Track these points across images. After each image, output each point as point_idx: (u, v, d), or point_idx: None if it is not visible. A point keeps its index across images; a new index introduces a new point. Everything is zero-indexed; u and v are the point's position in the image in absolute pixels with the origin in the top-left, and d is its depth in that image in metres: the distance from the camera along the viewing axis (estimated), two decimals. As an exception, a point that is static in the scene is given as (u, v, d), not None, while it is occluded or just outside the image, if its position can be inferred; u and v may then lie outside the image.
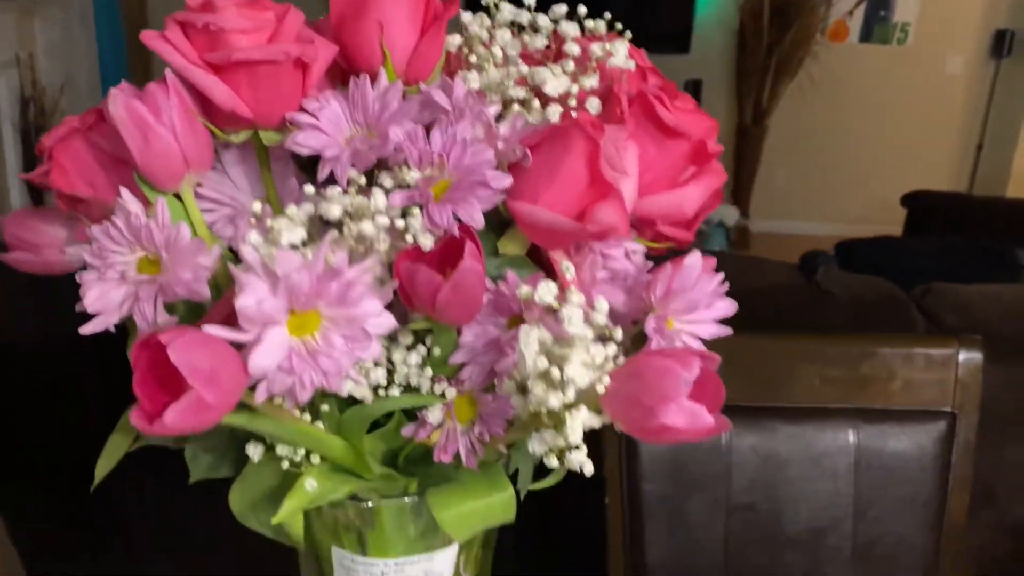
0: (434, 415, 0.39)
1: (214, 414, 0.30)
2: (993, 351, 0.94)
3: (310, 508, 0.41)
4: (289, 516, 0.39)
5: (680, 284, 0.41)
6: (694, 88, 3.97)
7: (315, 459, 0.40)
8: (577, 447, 0.35)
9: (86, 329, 0.36)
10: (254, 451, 0.40)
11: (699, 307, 0.41)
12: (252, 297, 0.30)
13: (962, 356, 0.92)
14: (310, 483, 0.39)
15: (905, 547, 0.91)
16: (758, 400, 0.92)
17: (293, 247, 0.33)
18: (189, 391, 0.29)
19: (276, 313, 0.30)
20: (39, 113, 3.06)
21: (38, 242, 0.44)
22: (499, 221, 0.40)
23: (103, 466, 0.43)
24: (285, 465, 0.39)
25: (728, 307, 0.42)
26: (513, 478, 0.44)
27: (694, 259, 0.41)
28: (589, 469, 0.35)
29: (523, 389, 0.38)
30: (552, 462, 0.35)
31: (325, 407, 0.41)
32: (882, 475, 0.92)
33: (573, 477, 0.53)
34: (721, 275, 0.43)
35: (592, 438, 0.37)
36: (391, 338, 0.40)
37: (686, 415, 0.34)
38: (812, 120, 4.16)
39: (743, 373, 0.92)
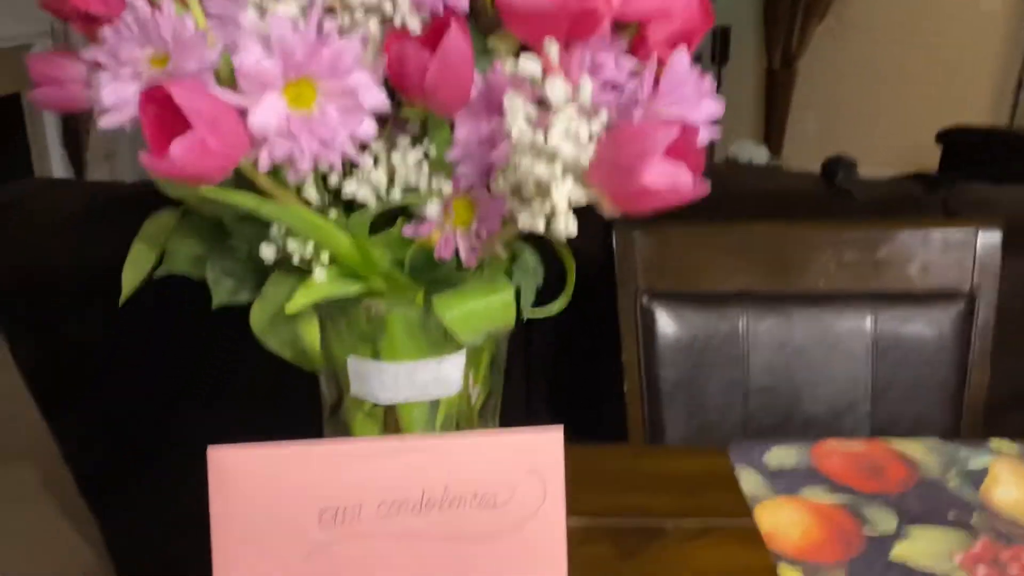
0: (432, 211, 0.41)
1: (217, 162, 0.32)
2: (1018, 248, 0.94)
3: (320, 303, 0.43)
4: (301, 306, 0.41)
5: (668, 83, 0.42)
6: (722, 35, 3.92)
7: (324, 257, 0.42)
8: (564, 214, 0.36)
9: (104, 123, 0.38)
10: (268, 251, 0.42)
11: (687, 104, 0.43)
12: (250, 56, 0.32)
13: (981, 237, 0.92)
14: (319, 273, 0.41)
15: (924, 427, 0.92)
16: (774, 286, 0.93)
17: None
18: (193, 130, 0.31)
19: (272, 74, 0.33)
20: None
21: (62, 77, 0.47)
22: (487, 24, 0.42)
23: (130, 277, 0.46)
24: (296, 260, 0.42)
25: (716, 107, 0.44)
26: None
27: (681, 57, 0.42)
28: (573, 229, 0.37)
29: (516, 190, 0.40)
30: (539, 226, 0.37)
31: (333, 213, 0.43)
32: (900, 358, 0.92)
33: (593, 364, 0.55)
34: (709, 75, 0.44)
35: (611, 327, 0.39)
36: (390, 142, 0.42)
37: (665, 175, 0.35)
38: (842, 62, 4.09)
39: (759, 260, 0.93)
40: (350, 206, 0.44)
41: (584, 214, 0.45)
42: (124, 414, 1.22)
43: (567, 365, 1.09)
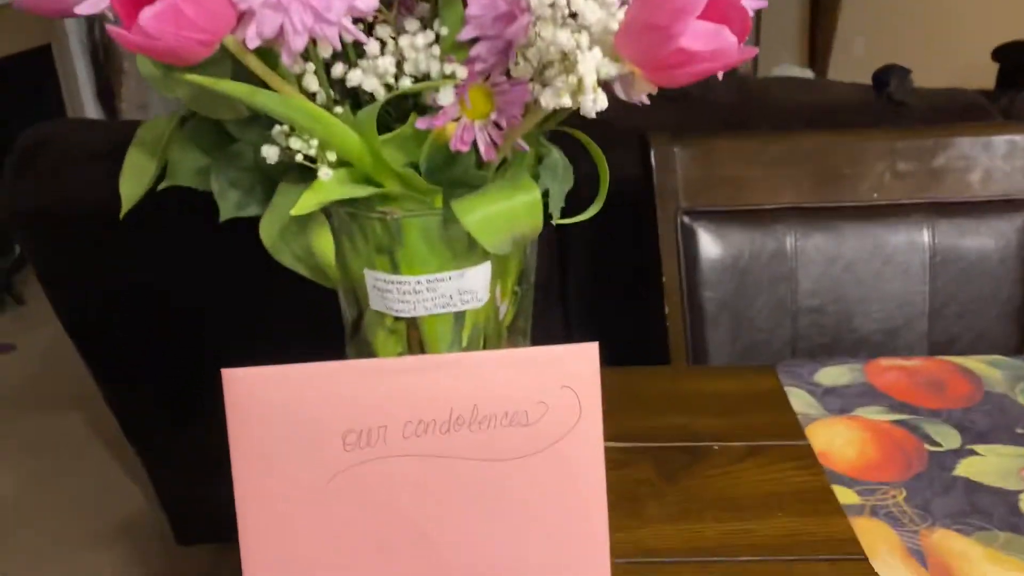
0: (446, 98, 0.38)
1: (196, 35, 0.29)
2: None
3: (333, 212, 0.40)
4: (307, 208, 0.38)
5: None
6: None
7: (330, 156, 0.39)
8: (592, 89, 0.32)
9: (81, 10, 0.35)
10: (270, 151, 0.39)
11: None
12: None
13: (1048, 140, 0.85)
14: (324, 172, 0.38)
15: (986, 344, 0.87)
16: (823, 199, 0.87)
17: None
18: (163, -5, 0.27)
19: (255, -66, 0.29)
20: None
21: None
22: None
23: (129, 189, 0.43)
24: (299, 158, 0.38)
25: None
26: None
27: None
28: (602, 103, 0.33)
29: (539, 72, 0.36)
30: (565, 101, 0.33)
31: (339, 108, 0.40)
32: (959, 272, 0.87)
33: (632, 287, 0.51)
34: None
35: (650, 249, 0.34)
36: (397, 26, 0.38)
37: (706, 36, 0.31)
38: (891, -19, 3.90)
39: (807, 172, 0.87)
40: (359, 104, 0.40)
41: (619, 132, 0.41)
42: (161, 353, 1.21)
43: (605, 291, 1.06)
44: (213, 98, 0.40)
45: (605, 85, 0.38)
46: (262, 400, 0.45)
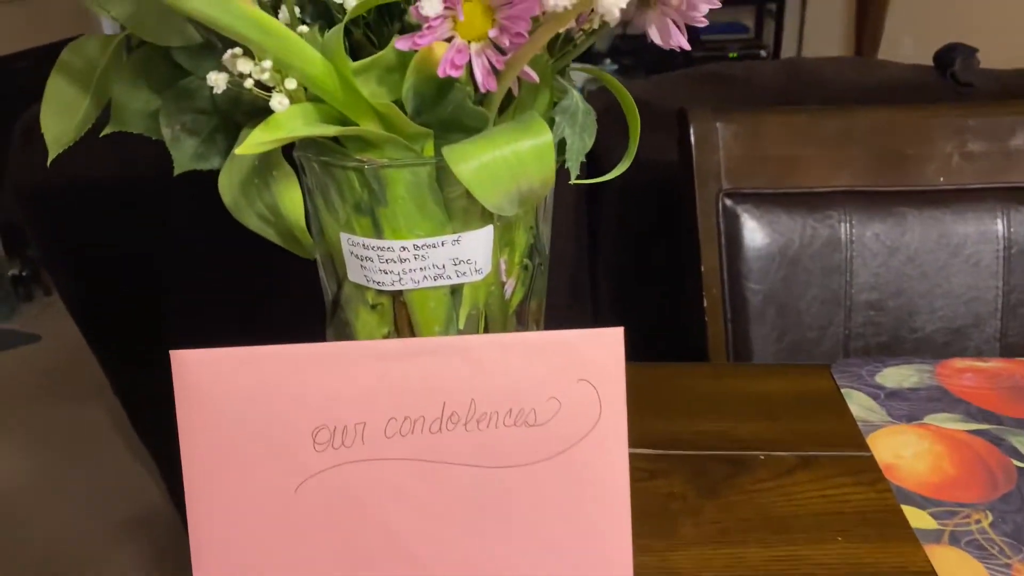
0: (431, 8, 0.30)
1: None
2: None
3: (305, 162, 0.32)
4: (259, 147, 0.30)
5: None
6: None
7: (289, 83, 0.31)
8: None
9: None
10: (217, 78, 0.32)
11: None
12: None
13: None
14: (279, 101, 0.30)
15: (1067, 347, 0.77)
16: (883, 183, 0.78)
17: None
18: None
19: None
20: None
21: None
22: None
23: (53, 127, 0.36)
24: (249, 84, 0.31)
25: None
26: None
27: None
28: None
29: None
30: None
31: (304, 27, 0.32)
32: (1038, 265, 0.77)
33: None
34: None
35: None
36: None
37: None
38: (943, -24, 3.76)
39: (865, 153, 0.78)
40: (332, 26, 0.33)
41: (657, 114, 0.34)
42: (164, 337, 1.15)
43: (638, 280, 0.97)
44: (154, 16, 0.33)
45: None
46: (218, 388, 0.37)
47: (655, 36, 0.40)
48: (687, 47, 0.39)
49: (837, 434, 0.52)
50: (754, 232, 0.78)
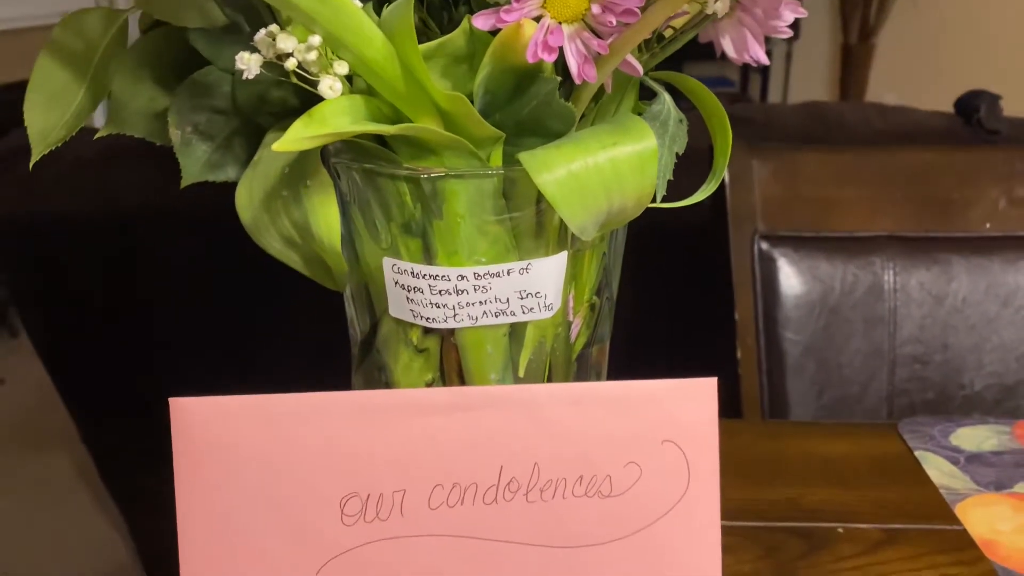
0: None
1: None
2: None
3: (343, 172, 0.26)
4: (301, 143, 0.24)
5: None
6: (794, 6, 3.69)
7: (341, 66, 0.25)
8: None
9: None
10: (250, 61, 0.25)
11: None
12: None
13: None
14: (328, 85, 0.24)
15: (1125, 408, 0.72)
16: (928, 229, 0.73)
17: None
18: None
19: None
20: None
21: None
22: None
23: (39, 120, 0.29)
24: (291, 64, 0.25)
25: None
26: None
27: None
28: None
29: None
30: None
31: (358, 2, 0.26)
32: (1092, 319, 0.72)
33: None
34: None
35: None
36: None
37: None
38: (924, 36, 3.81)
39: (907, 195, 0.74)
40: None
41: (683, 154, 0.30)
42: (140, 385, 1.07)
43: (667, 326, 0.91)
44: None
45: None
46: (225, 444, 0.31)
47: (728, 47, 0.34)
48: (765, 61, 0.34)
49: (920, 504, 0.46)
50: (791, 278, 0.72)
